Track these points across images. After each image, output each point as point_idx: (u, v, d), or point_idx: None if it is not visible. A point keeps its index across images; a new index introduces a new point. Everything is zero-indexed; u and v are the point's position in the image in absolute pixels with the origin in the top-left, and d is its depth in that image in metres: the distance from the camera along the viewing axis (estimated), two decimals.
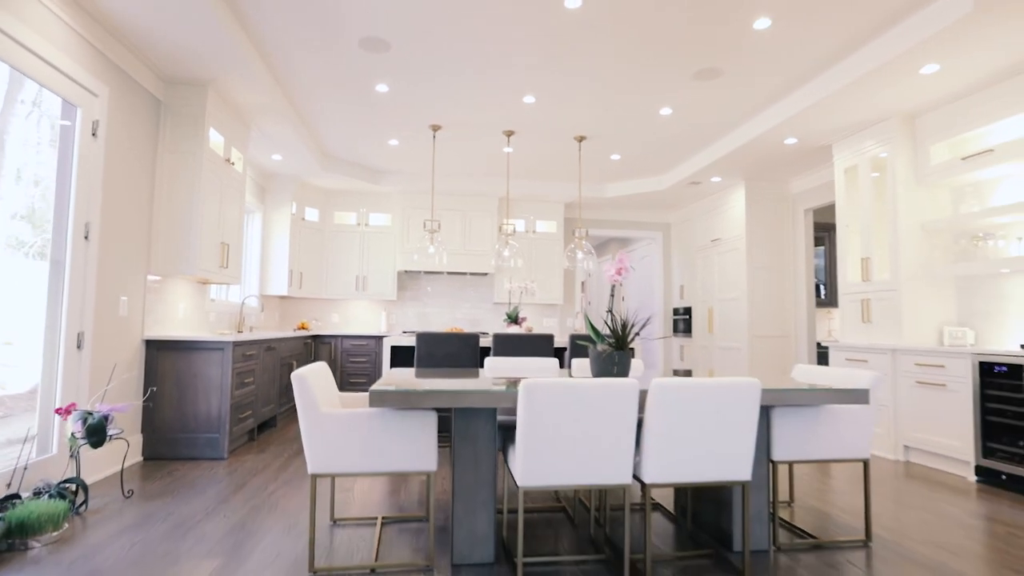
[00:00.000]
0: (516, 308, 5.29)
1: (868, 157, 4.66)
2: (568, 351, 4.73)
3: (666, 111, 4.84)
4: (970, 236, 4.24)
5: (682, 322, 7.78)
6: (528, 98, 4.61)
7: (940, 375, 3.87)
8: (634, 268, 9.40)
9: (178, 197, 4.03)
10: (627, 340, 2.53)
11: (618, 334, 2.53)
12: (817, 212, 6.97)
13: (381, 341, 6.74)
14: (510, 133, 5.43)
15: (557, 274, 7.55)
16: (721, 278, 6.87)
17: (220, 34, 3.35)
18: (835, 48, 3.71)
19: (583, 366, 3.42)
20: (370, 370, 6.71)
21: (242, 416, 4.25)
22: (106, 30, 3.30)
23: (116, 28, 3.31)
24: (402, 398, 2.04)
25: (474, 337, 4.36)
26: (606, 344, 2.56)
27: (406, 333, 6.75)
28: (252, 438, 4.62)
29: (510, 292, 7.46)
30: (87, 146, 3.21)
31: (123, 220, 3.61)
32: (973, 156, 3.91)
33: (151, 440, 3.87)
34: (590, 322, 2.68)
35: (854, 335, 4.79)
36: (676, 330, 7.98)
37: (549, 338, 4.51)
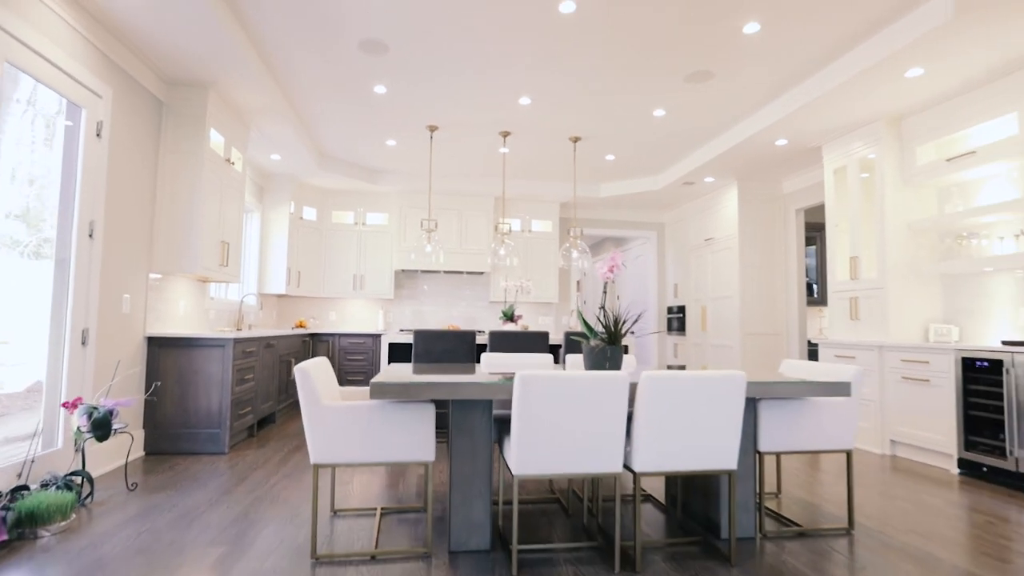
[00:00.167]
0: (512, 306, 5.38)
1: (856, 158, 4.76)
2: (563, 348, 4.82)
3: (659, 112, 4.93)
4: (955, 235, 4.34)
5: (676, 320, 7.88)
6: (524, 99, 4.70)
7: (924, 371, 3.97)
8: (626, 266, 9.50)
9: (179, 196, 4.09)
10: (619, 335, 2.61)
11: (610, 329, 2.61)
12: (808, 212, 7.08)
13: (378, 339, 6.81)
14: (506, 134, 5.51)
15: (552, 273, 7.63)
16: (714, 277, 6.97)
17: (221, 36, 3.43)
18: (823, 52, 3.81)
19: (577, 362, 3.50)
20: (367, 368, 6.78)
21: (242, 412, 4.31)
22: (109, 32, 3.37)
23: (119, 30, 3.38)
24: (402, 390, 2.12)
25: (471, 334, 4.44)
26: (599, 339, 2.65)
27: (403, 331, 6.82)
28: (252, 434, 4.68)
29: (506, 291, 7.54)
30: (91, 146, 3.28)
31: (126, 219, 3.67)
32: (957, 157, 4.01)
33: (153, 435, 3.94)
34: (583, 318, 2.76)
35: (843, 332, 4.89)
36: (670, 328, 8.07)
37: (544, 335, 4.59)
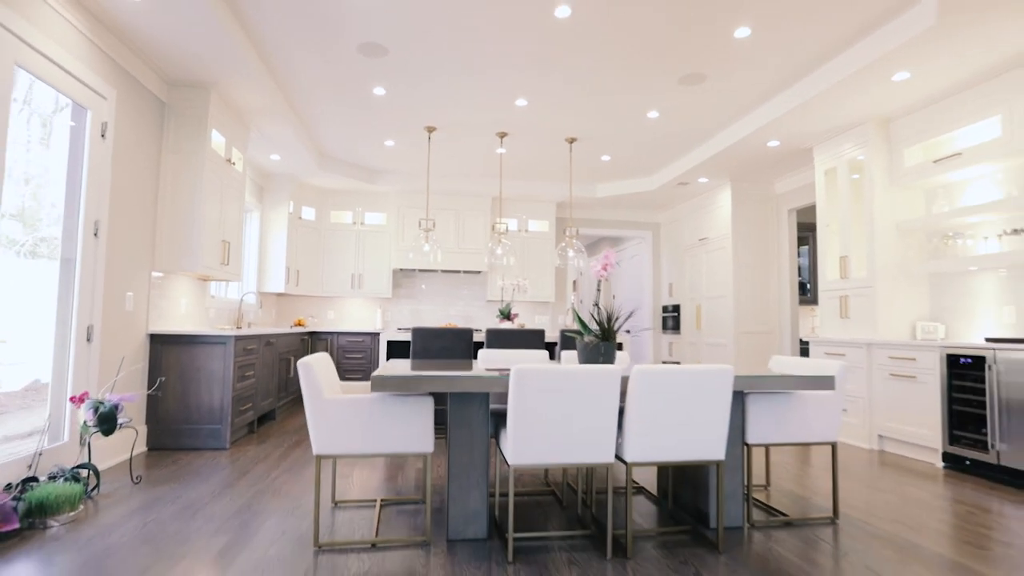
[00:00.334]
0: (509, 304, 5.46)
1: (846, 159, 4.86)
2: (559, 345, 4.90)
3: (653, 114, 5.01)
4: (941, 235, 4.44)
5: (671, 319, 7.97)
6: (521, 101, 4.78)
7: (911, 367, 4.06)
8: (620, 265, 9.59)
9: (181, 196, 4.16)
10: (612, 331, 2.70)
11: (603, 326, 2.70)
12: (800, 212, 7.19)
13: (376, 337, 6.88)
14: (503, 135, 5.59)
15: (549, 272, 7.72)
16: (708, 276, 7.06)
17: (223, 38, 3.50)
18: (812, 56, 3.90)
19: (572, 358, 3.59)
20: (366, 366, 6.85)
21: (243, 408, 4.38)
22: (113, 34, 3.44)
23: (123, 32, 3.44)
24: (402, 383, 2.20)
25: (468, 332, 4.52)
26: (593, 336, 2.73)
27: (401, 330, 6.89)
28: (252, 430, 4.75)
29: (503, 289, 7.62)
30: (96, 147, 3.34)
31: (129, 218, 3.74)
32: (943, 159, 4.11)
33: (155, 431, 4.00)
34: (578, 315, 2.85)
35: (833, 330, 4.99)
36: (665, 327, 8.17)
37: (540, 333, 4.67)
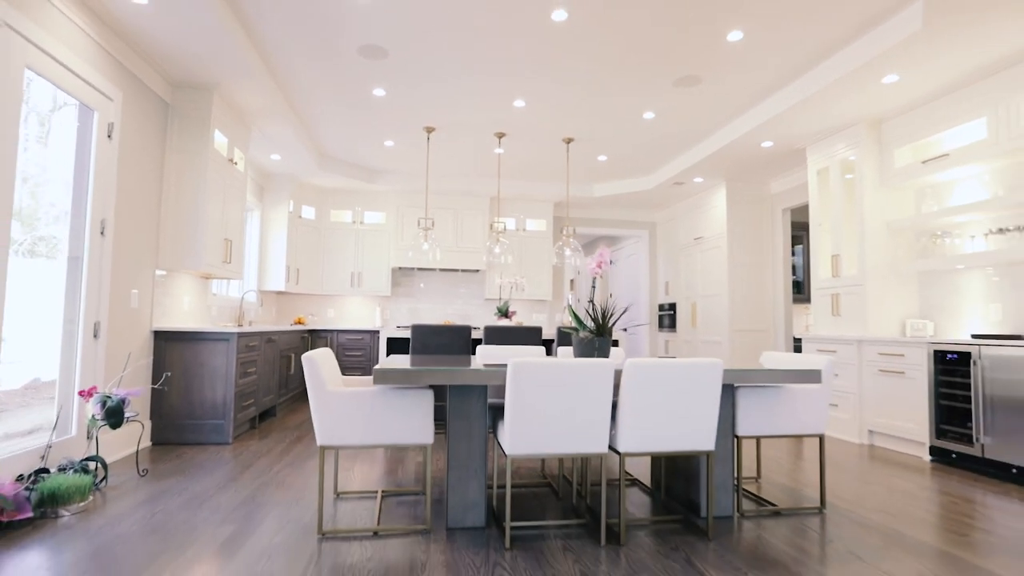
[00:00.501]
0: (507, 302, 5.54)
1: (838, 160, 4.95)
2: (556, 342, 4.98)
3: (649, 115, 5.10)
4: (930, 234, 4.53)
5: (667, 317, 8.06)
6: (518, 102, 4.86)
7: (900, 363, 4.16)
8: (614, 263, 9.68)
9: (184, 195, 4.23)
10: (606, 327, 2.78)
11: (598, 321, 2.78)
12: (794, 212, 7.28)
13: (376, 335, 6.96)
14: (501, 135, 5.67)
15: (546, 271, 7.80)
16: (704, 275, 7.15)
17: (226, 41, 3.57)
18: (804, 59, 3.98)
19: (568, 354, 3.67)
20: (365, 363, 6.92)
21: (245, 404, 4.46)
22: (120, 37, 3.51)
23: (129, 35, 3.52)
24: (403, 376, 2.28)
25: (466, 329, 4.60)
26: (588, 331, 2.81)
27: (401, 328, 6.97)
28: (254, 426, 4.83)
29: (500, 288, 7.71)
30: (103, 147, 3.42)
31: (134, 217, 3.81)
32: (932, 160, 4.20)
33: (159, 426, 4.07)
34: (574, 312, 2.93)
35: (825, 327, 5.08)
36: (662, 325, 8.26)
37: (538, 330, 4.75)
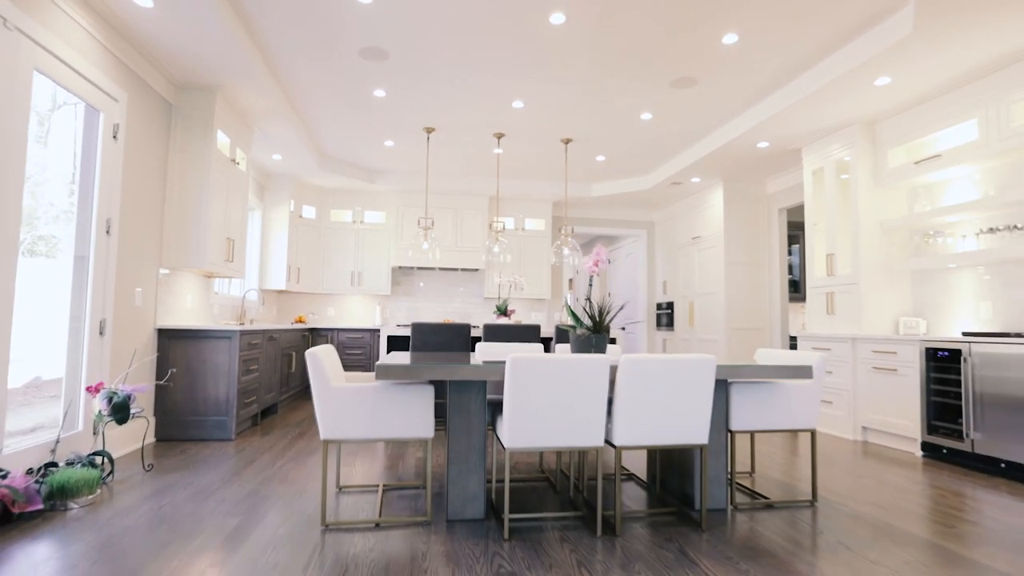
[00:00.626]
0: (506, 301, 5.60)
1: (833, 160, 5.01)
2: (554, 339, 5.05)
3: (646, 116, 5.16)
4: (923, 234, 4.60)
5: (665, 316, 8.12)
6: (517, 103, 4.92)
7: (893, 361, 4.22)
8: (611, 262, 9.75)
9: (188, 195, 4.29)
10: (603, 324, 2.84)
11: (595, 319, 2.84)
12: (791, 211, 7.35)
13: (376, 334, 7.02)
14: (500, 135, 5.73)
15: (545, 270, 7.86)
16: (701, 274, 7.22)
17: (230, 43, 3.63)
18: (797, 61, 4.05)
19: (566, 351, 3.73)
20: (365, 361, 6.98)
21: (247, 401, 4.52)
22: (125, 40, 3.56)
23: (134, 38, 3.57)
24: (405, 371, 2.34)
25: (466, 327, 4.66)
26: (585, 328, 2.87)
27: (400, 326, 7.03)
28: (256, 423, 4.89)
29: (499, 287, 7.77)
30: (108, 148, 3.47)
31: (138, 217, 3.87)
32: (924, 160, 4.27)
33: (163, 422, 4.13)
34: (571, 309, 2.99)
35: (819, 326, 5.14)
36: (659, 324, 8.32)
37: (536, 328, 4.82)
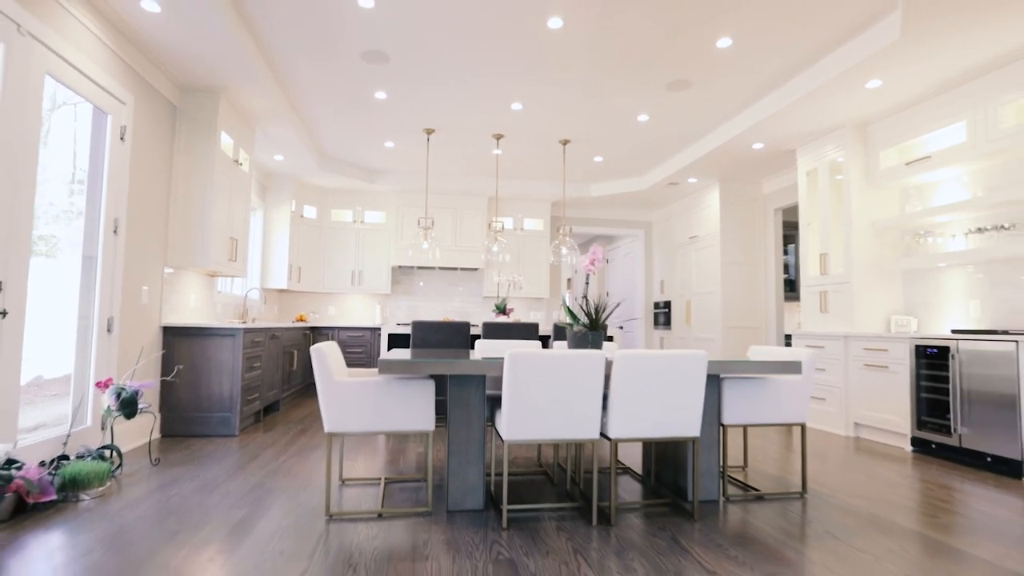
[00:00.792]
0: (505, 300, 5.68)
1: (827, 161, 5.10)
2: (552, 337, 5.13)
3: (643, 118, 5.24)
4: (914, 234, 4.69)
5: (662, 315, 8.21)
6: (516, 105, 5.00)
7: (884, 358, 4.31)
8: (608, 261, 9.84)
9: (192, 195, 4.37)
10: (599, 321, 2.93)
11: (591, 316, 2.92)
12: (786, 212, 7.43)
13: (376, 333, 7.10)
14: (499, 136, 5.81)
15: (543, 269, 7.95)
16: (698, 273, 7.30)
17: (235, 47, 3.71)
18: (790, 65, 4.13)
19: (563, 347, 3.81)
20: (366, 360, 7.06)
21: (251, 398, 4.60)
22: (133, 44, 3.64)
23: (141, 42, 3.65)
24: (407, 366, 2.42)
25: (465, 325, 4.74)
26: (581, 325, 2.96)
27: (401, 325, 7.11)
28: (258, 419, 4.97)
29: (499, 286, 7.85)
30: (116, 149, 3.55)
31: (144, 217, 3.95)
32: (915, 162, 4.35)
33: (168, 418, 4.21)
34: (568, 307, 3.07)
35: (813, 324, 5.23)
36: (657, 323, 8.40)
37: (534, 326, 4.90)
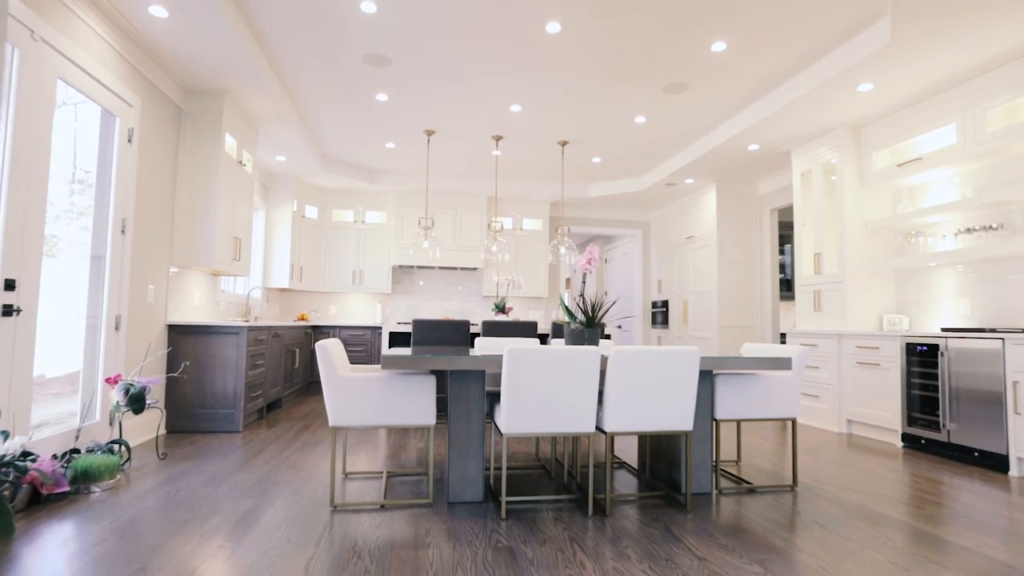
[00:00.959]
0: (504, 299, 5.76)
1: (821, 162, 5.18)
2: (550, 335, 5.21)
3: (640, 119, 5.32)
4: (905, 234, 4.77)
5: (660, 314, 8.29)
6: (515, 107, 5.08)
7: (875, 356, 4.39)
8: (607, 260, 9.92)
9: (197, 196, 4.45)
10: (595, 319, 3.01)
11: (588, 314, 3.01)
12: (782, 212, 7.52)
13: (377, 332, 7.18)
14: (498, 138, 5.89)
15: (542, 269, 8.03)
16: (695, 273, 7.39)
17: (240, 51, 3.79)
18: (783, 68, 4.21)
19: (560, 344, 3.89)
20: (366, 359, 7.14)
21: (254, 395, 4.68)
22: (140, 48, 3.72)
23: (148, 46, 3.73)
24: (409, 362, 2.50)
25: (465, 324, 4.82)
26: (578, 323, 3.04)
27: (401, 323, 7.19)
28: (262, 416, 5.05)
29: (498, 285, 7.93)
30: (124, 151, 3.63)
31: (150, 217, 4.03)
32: (906, 163, 4.44)
33: (173, 414, 4.29)
34: (565, 305, 3.15)
35: (807, 323, 5.32)
36: (654, 322, 8.49)
37: (533, 324, 4.98)
